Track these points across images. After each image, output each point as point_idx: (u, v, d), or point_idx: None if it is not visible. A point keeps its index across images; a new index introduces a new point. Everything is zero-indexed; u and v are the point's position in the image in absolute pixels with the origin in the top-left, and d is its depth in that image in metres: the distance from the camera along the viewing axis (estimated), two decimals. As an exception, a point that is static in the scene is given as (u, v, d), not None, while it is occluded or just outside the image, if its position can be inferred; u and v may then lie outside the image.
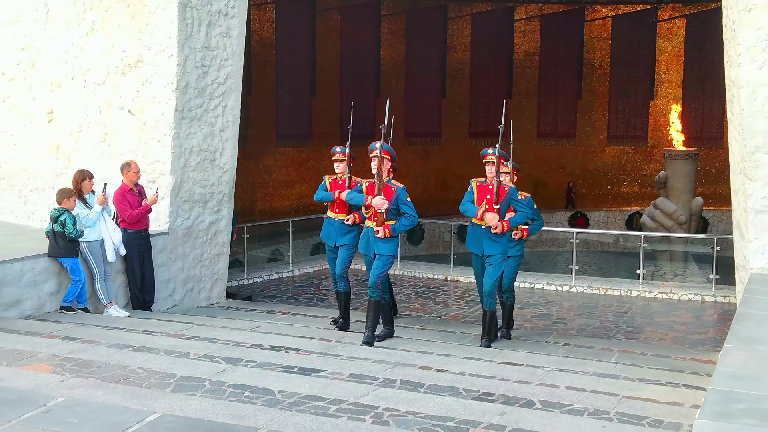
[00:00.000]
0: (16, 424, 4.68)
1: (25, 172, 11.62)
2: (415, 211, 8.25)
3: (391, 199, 8.07)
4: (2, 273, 8.39)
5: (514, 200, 8.45)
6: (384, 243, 8.14)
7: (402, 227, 8.23)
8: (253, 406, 5.07)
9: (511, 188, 8.44)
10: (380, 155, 8.10)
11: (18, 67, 11.53)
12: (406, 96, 22.89)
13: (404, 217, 8.17)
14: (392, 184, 8.17)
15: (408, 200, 8.15)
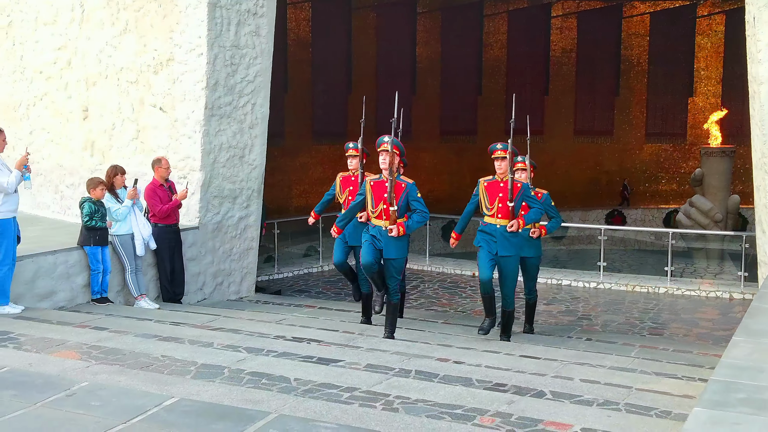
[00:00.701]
0: (41, 406, 4.89)
1: (61, 168, 11.94)
2: (426, 207, 8.02)
3: (401, 195, 7.83)
4: (36, 265, 8.67)
5: (528, 197, 8.23)
6: (394, 244, 7.85)
7: (415, 224, 7.97)
8: (267, 392, 5.24)
9: (524, 184, 8.24)
10: (390, 150, 7.85)
11: (54, 66, 11.86)
12: (442, 94, 22.99)
13: (416, 214, 7.91)
14: (402, 180, 7.94)
15: (419, 196, 7.92)
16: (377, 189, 7.93)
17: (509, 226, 7.97)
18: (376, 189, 7.94)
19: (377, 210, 7.91)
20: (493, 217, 8.11)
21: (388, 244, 7.85)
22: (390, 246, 7.87)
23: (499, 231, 8.08)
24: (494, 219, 8.11)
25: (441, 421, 4.76)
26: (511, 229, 7.97)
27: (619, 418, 5.06)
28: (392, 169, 7.82)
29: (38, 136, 12.33)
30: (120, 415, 4.70)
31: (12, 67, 12.73)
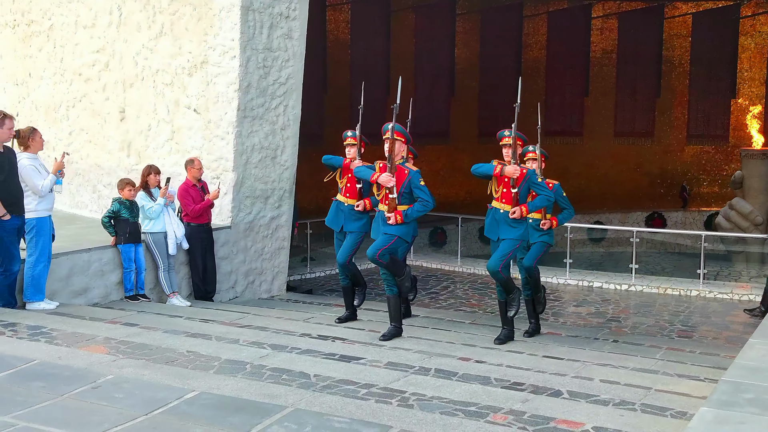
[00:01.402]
0: (67, 397, 5.08)
1: (99, 168, 12.22)
2: (430, 196, 7.79)
3: (403, 182, 7.64)
4: (71, 263, 8.91)
5: (534, 183, 7.95)
6: (392, 228, 7.69)
7: (415, 213, 7.73)
8: (286, 387, 5.37)
9: (530, 170, 7.99)
10: (392, 137, 7.70)
11: (93, 68, 12.13)
12: (481, 95, 22.96)
13: (418, 203, 7.70)
14: (405, 167, 7.75)
15: (422, 184, 7.70)
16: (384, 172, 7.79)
17: (511, 212, 7.73)
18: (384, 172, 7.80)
19: (381, 194, 7.81)
20: (498, 201, 7.89)
21: (387, 229, 7.73)
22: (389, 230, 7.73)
23: (503, 216, 7.83)
24: (499, 203, 7.89)
25: (454, 417, 4.84)
26: (512, 216, 7.72)
27: (632, 418, 5.09)
28: (392, 155, 7.66)
29: (77, 137, 12.63)
30: (142, 407, 4.86)
31: (53, 69, 13.04)
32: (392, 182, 7.61)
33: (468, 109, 22.55)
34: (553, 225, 8.84)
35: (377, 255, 7.64)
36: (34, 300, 8.09)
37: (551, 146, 22.07)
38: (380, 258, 7.65)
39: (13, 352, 5.98)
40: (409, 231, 7.88)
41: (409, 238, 7.98)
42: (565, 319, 10.97)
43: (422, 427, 4.57)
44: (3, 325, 7.05)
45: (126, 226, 9.27)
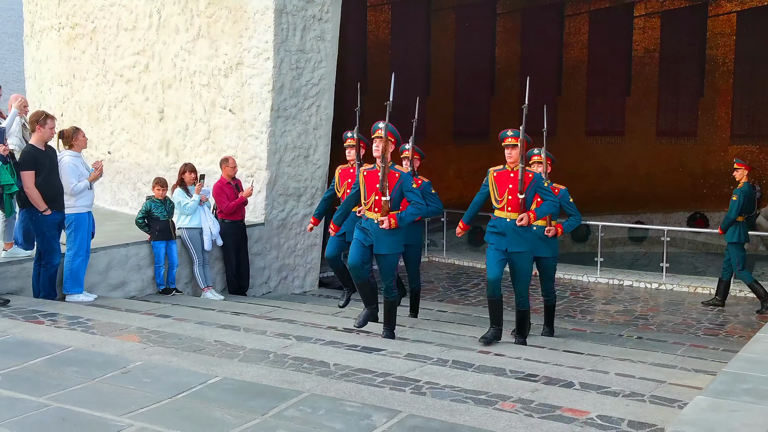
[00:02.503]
0: (98, 381, 5.39)
1: (139, 166, 12.61)
2: (422, 199, 7.45)
3: (394, 186, 7.29)
4: (109, 257, 9.27)
5: (540, 188, 7.57)
6: (386, 239, 7.33)
7: (409, 216, 7.36)
8: (305, 375, 5.61)
9: (536, 174, 7.58)
10: (384, 136, 7.34)
11: (134, 70, 12.53)
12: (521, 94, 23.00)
13: (411, 206, 7.33)
14: (396, 170, 7.38)
15: (415, 187, 7.44)
16: (370, 179, 7.41)
17: (519, 219, 7.30)
18: (369, 179, 7.42)
19: (369, 201, 7.38)
20: (503, 210, 7.45)
21: (379, 238, 7.32)
22: (382, 240, 7.34)
23: (510, 225, 7.39)
24: (504, 212, 7.45)
25: (462, 404, 5.04)
26: (520, 223, 7.30)
27: (638, 407, 5.24)
28: (384, 156, 7.30)
29: (118, 136, 13.04)
30: (167, 390, 5.15)
31: (96, 70, 13.48)
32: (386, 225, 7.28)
33: (508, 108, 22.58)
34: (558, 232, 8.48)
35: (394, 285, 7.63)
36: (73, 292, 8.45)
37: (593, 146, 22.18)
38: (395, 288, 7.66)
39: (50, 340, 6.31)
40: (401, 241, 7.57)
41: (402, 248, 7.72)
42: (593, 316, 11.08)
43: (430, 412, 4.78)
44: (43, 315, 7.40)
45: (157, 224, 9.61)
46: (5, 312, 7.42)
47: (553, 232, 8.40)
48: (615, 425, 4.75)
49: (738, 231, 11.26)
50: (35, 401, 5.00)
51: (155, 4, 12.05)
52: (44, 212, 8.01)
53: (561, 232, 8.52)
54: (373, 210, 7.37)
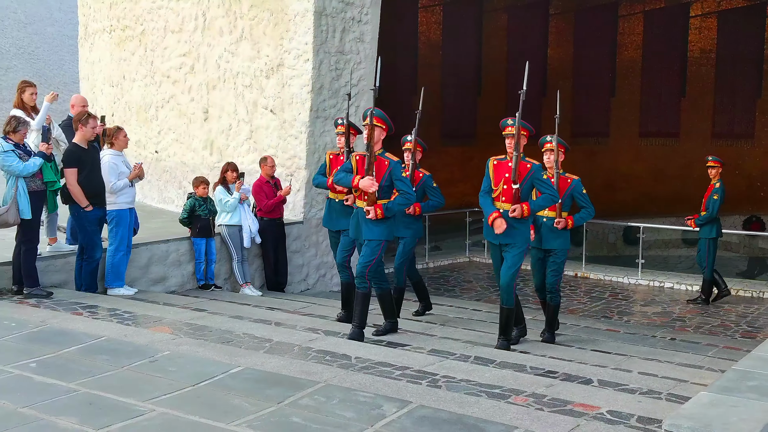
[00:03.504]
0: (126, 369, 5.62)
1: (184, 165, 12.92)
2: (412, 188, 7.21)
3: (383, 175, 7.03)
4: (150, 253, 9.56)
5: (538, 180, 7.21)
6: (374, 226, 7.07)
7: (396, 206, 7.11)
8: (325, 366, 5.77)
9: (535, 165, 7.21)
10: (371, 122, 7.04)
11: (180, 71, 12.85)
12: (574, 95, 22.89)
13: (399, 196, 7.07)
14: (386, 158, 7.10)
15: (404, 176, 7.12)
16: (361, 165, 7.17)
17: (511, 210, 7.03)
18: (360, 165, 7.17)
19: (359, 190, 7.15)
20: (497, 200, 7.18)
21: (366, 225, 7.11)
22: (368, 227, 7.10)
23: (503, 216, 7.11)
24: (498, 202, 7.18)
25: (474, 397, 5.14)
26: (512, 215, 7.02)
27: (650, 404, 5.28)
28: (370, 143, 7.03)
29: (165, 136, 13.38)
30: (190, 379, 5.36)
31: (144, 71, 13.84)
32: (374, 187, 7.00)
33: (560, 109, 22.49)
34: (569, 225, 8.06)
35: (367, 274, 7.18)
36: (114, 286, 8.74)
37: (646, 147, 21.97)
38: (369, 277, 7.21)
39: (85, 330, 6.58)
40: (391, 229, 7.30)
41: (391, 237, 7.35)
42: (629, 317, 11.07)
43: (440, 403, 4.90)
44: (82, 307, 7.69)
45: (199, 221, 9.88)
46: (47, 304, 7.73)
47: (563, 224, 8.00)
48: (624, 420, 4.81)
49: (715, 227, 11.60)
50: (65, 386, 5.25)
51: (200, 7, 12.35)
52: (86, 208, 8.32)
53: (572, 225, 8.06)
54: (362, 198, 7.15)
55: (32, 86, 8.78)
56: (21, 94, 8.71)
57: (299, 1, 10.76)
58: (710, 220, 11.59)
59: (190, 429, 4.53)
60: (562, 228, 8.01)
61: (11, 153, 7.67)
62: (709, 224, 11.62)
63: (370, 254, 7.12)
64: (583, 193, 8.14)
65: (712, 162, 11.91)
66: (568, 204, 8.10)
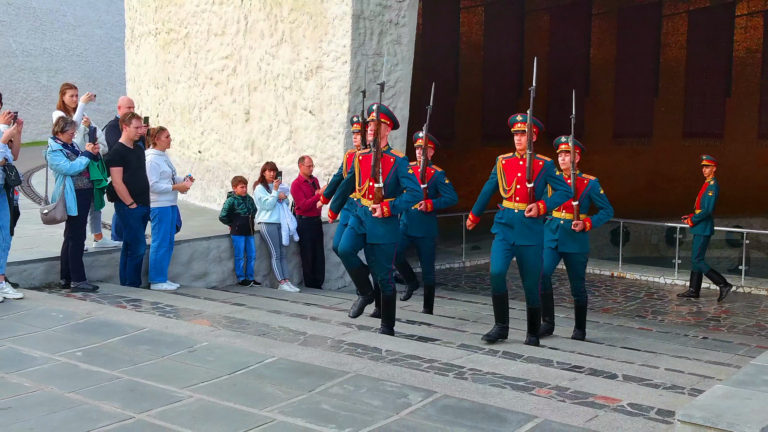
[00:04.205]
0: (166, 358, 5.90)
1: (226, 165, 13.25)
2: (419, 185, 7.00)
3: (389, 172, 6.87)
4: (192, 249, 9.86)
5: (551, 177, 7.04)
6: (381, 227, 6.92)
7: (403, 204, 6.95)
8: (355, 358, 5.99)
9: (547, 162, 7.01)
10: (377, 118, 6.86)
11: (222, 73, 13.18)
12: (616, 95, 22.84)
13: (406, 193, 6.90)
14: (391, 155, 6.92)
15: (410, 173, 6.92)
16: (365, 164, 6.98)
17: (527, 210, 6.90)
18: (364, 164, 6.99)
19: (363, 187, 7.00)
20: (511, 201, 7.03)
21: (372, 226, 6.93)
22: (375, 229, 6.94)
23: (517, 216, 6.99)
24: (512, 203, 7.03)
25: (498, 388, 5.32)
26: (529, 214, 6.89)
27: (671, 398, 5.42)
28: (377, 139, 6.84)
29: (208, 136, 13.73)
30: (226, 368, 5.62)
31: (188, 73, 14.21)
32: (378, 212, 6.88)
33: (603, 109, 22.46)
34: (587, 227, 7.86)
35: (390, 279, 7.13)
36: (157, 281, 9.06)
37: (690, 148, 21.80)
38: (391, 281, 7.17)
39: (128, 322, 6.88)
40: (398, 229, 7.22)
41: (399, 237, 7.25)
42: (664, 317, 11.13)
43: (464, 393, 5.09)
44: (126, 300, 8.01)
45: (237, 219, 10.16)
46: (93, 297, 8.06)
47: (581, 226, 7.79)
48: (643, 413, 4.95)
49: (709, 225, 11.88)
50: (108, 374, 5.54)
51: (243, 10, 12.66)
52: (130, 206, 8.64)
53: (590, 227, 7.85)
54: (367, 197, 6.97)
55: (72, 88, 9.11)
56: (62, 96, 9.06)
57: (338, 5, 11.00)
58: (705, 217, 11.87)
59: (225, 414, 4.78)
60: (580, 230, 7.82)
61: (59, 152, 8.02)
62: (703, 222, 11.89)
63: (386, 260, 7.04)
64: (600, 194, 7.93)
65: (707, 161, 12.22)
66: (585, 206, 7.91)
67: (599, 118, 22.18)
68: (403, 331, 7.59)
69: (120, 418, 4.72)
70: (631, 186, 20.28)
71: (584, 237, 7.93)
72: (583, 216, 7.84)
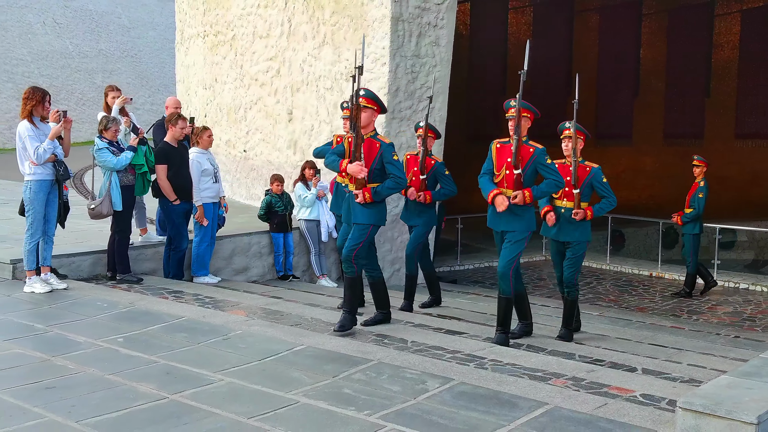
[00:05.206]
0: (201, 345, 6.24)
1: (269, 164, 13.59)
2: (403, 173, 6.91)
3: (374, 158, 6.79)
4: (233, 245, 10.22)
5: (541, 164, 6.86)
6: (363, 210, 6.85)
7: (385, 191, 6.83)
8: (380, 347, 6.25)
9: (538, 149, 6.86)
10: (356, 102, 6.85)
11: (267, 74, 13.53)
12: (667, 96, 22.72)
13: (389, 179, 6.80)
14: (377, 140, 6.85)
15: (395, 159, 6.80)
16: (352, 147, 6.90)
17: (513, 197, 6.75)
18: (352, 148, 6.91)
19: None
20: (500, 186, 6.90)
21: (354, 208, 6.89)
22: (357, 211, 6.88)
23: None
24: (501, 188, 6.90)
25: (515, 377, 5.54)
26: (514, 201, 6.74)
27: (684, 389, 5.55)
28: (357, 123, 6.78)
29: (253, 136, 14.10)
30: (257, 354, 5.94)
31: (234, 75, 14.59)
32: (363, 173, 6.76)
33: (653, 110, 22.34)
34: (588, 216, 7.62)
35: (353, 258, 6.91)
36: (199, 274, 9.42)
37: (742, 149, 21.59)
38: (355, 261, 6.93)
39: (168, 311, 7.23)
40: (382, 214, 7.04)
41: (382, 222, 7.08)
42: (699, 316, 11.18)
43: (480, 381, 5.32)
44: (168, 292, 8.37)
45: (276, 217, 10.49)
46: (137, 288, 8.44)
47: (582, 215, 7.56)
48: (654, 402, 5.13)
49: (698, 224, 12.23)
50: (147, 358, 5.88)
51: (286, 13, 12.99)
52: (174, 202, 9.02)
53: (591, 216, 7.61)
54: (352, 181, 6.89)
55: (114, 90, 9.54)
56: (106, 97, 9.54)
57: (377, 8, 11.26)
58: (696, 217, 12.17)
59: (252, 396, 5.08)
60: (580, 219, 7.57)
61: (105, 149, 8.42)
62: (693, 221, 12.19)
63: (357, 238, 6.87)
64: (603, 182, 7.67)
65: (698, 162, 12.51)
66: (587, 194, 7.69)
67: (649, 119, 22.10)
68: (432, 324, 7.82)
69: (155, 398, 5.05)
70: (681, 187, 20.07)
71: (585, 226, 7.66)
72: (585, 204, 7.64)
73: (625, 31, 22.34)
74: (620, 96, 22.35)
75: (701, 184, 12.29)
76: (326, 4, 12.08)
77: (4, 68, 33.45)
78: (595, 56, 22.05)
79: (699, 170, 12.45)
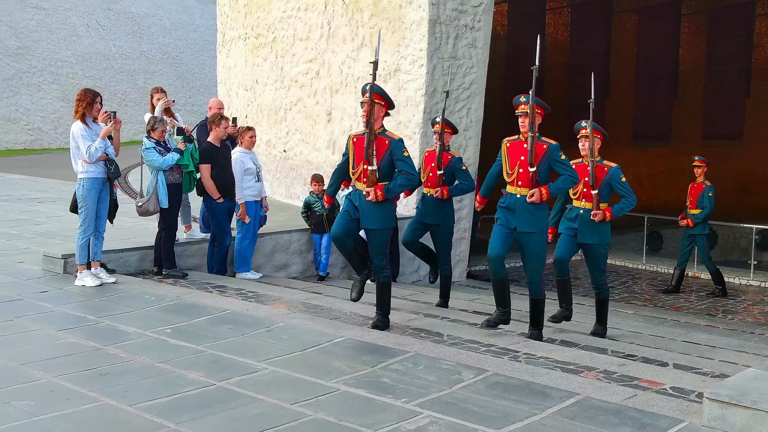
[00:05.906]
0: (245, 336, 6.50)
1: (309, 163, 13.87)
2: (414, 168, 6.75)
3: (383, 155, 6.72)
4: (274, 242, 10.49)
5: (556, 161, 6.75)
6: (373, 212, 6.73)
7: (397, 188, 6.76)
8: (417, 340, 6.47)
9: (552, 146, 6.75)
10: (371, 98, 6.76)
11: (306, 76, 13.81)
12: (706, 96, 22.62)
13: (401, 176, 6.69)
14: (386, 136, 6.83)
15: (406, 155, 6.69)
16: (359, 146, 6.85)
17: (529, 195, 6.66)
18: (358, 146, 6.86)
19: (357, 170, 6.81)
20: (513, 185, 6.81)
21: (365, 211, 6.75)
22: (368, 214, 6.76)
23: (519, 202, 6.75)
24: (514, 187, 6.82)
25: (549, 370, 5.72)
26: (530, 200, 6.64)
27: (713, 383, 5.71)
28: (370, 119, 6.77)
29: (292, 136, 14.39)
30: (299, 345, 6.18)
31: (275, 76, 14.89)
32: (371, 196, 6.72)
33: (692, 111, 22.26)
34: (607, 217, 7.52)
35: (385, 264, 6.94)
36: (241, 270, 9.70)
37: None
38: (387, 267, 6.99)
39: (213, 304, 7.51)
40: (392, 214, 6.96)
41: (394, 223, 7.03)
42: (734, 316, 11.24)
43: (513, 372, 5.52)
44: (212, 287, 8.66)
45: (314, 217, 10.72)
46: (183, 283, 8.74)
47: (601, 216, 7.47)
48: (683, 395, 5.28)
49: (707, 224, 12.38)
50: (194, 348, 6.16)
51: (326, 16, 13.26)
52: (217, 200, 9.31)
53: (610, 217, 7.50)
54: (361, 180, 6.78)
55: (159, 92, 9.91)
56: (152, 99, 9.90)
57: (415, 11, 11.48)
58: (707, 217, 12.28)
59: (295, 384, 5.32)
60: (599, 221, 7.50)
61: (152, 149, 8.74)
62: (703, 222, 12.29)
63: (381, 245, 6.83)
64: (622, 182, 7.54)
65: (699, 162, 12.55)
66: (606, 195, 7.59)
67: (688, 120, 22.02)
68: (468, 319, 8.01)
69: (203, 385, 5.31)
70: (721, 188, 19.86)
71: (605, 227, 7.56)
72: (604, 205, 7.54)
73: (664, 32, 22.29)
74: (659, 97, 22.32)
75: (708, 185, 12.38)
76: (365, 7, 12.32)
77: (49, 70, 34.18)
78: (634, 57, 22.04)
79: (700, 171, 12.53)
